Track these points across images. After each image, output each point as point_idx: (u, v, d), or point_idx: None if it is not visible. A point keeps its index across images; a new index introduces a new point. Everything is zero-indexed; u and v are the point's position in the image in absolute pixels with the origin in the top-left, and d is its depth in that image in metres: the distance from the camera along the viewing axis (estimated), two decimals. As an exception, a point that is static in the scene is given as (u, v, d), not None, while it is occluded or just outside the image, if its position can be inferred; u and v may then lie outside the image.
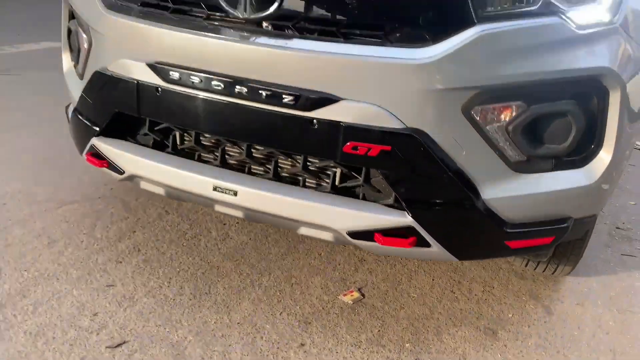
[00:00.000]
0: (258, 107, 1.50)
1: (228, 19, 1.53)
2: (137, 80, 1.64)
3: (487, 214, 1.50)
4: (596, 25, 1.45)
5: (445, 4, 1.38)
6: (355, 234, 1.53)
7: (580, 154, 1.55)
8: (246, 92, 1.49)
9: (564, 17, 1.41)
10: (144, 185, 1.81)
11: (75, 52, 2.00)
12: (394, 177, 1.47)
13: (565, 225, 1.61)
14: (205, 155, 1.78)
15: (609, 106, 1.50)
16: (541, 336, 1.91)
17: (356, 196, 1.61)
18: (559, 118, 1.48)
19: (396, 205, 1.54)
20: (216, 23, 1.54)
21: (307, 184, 1.67)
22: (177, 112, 1.62)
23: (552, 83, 1.43)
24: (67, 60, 2.14)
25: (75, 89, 1.98)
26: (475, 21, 1.36)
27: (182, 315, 1.84)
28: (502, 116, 1.45)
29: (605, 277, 2.30)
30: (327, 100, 1.43)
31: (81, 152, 1.97)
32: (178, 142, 1.80)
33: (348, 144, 1.45)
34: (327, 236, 1.60)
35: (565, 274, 2.18)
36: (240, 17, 1.48)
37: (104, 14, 1.68)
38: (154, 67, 1.59)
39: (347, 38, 1.42)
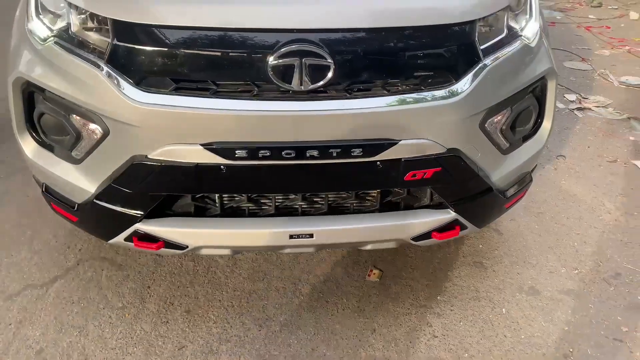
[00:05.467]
0: (329, 163, 1.73)
1: (279, 92, 1.68)
2: (197, 164, 1.70)
3: (498, 191, 2.02)
4: (536, 35, 1.98)
5: (459, 47, 1.75)
6: (418, 238, 1.93)
7: (534, 128, 2.13)
8: (317, 154, 1.70)
9: (523, 37, 1.90)
10: (206, 251, 1.91)
11: (56, 136, 1.87)
12: (442, 188, 1.88)
13: (530, 179, 2.23)
14: (257, 209, 1.93)
15: (548, 91, 2.08)
16: (509, 254, 2.59)
17: (398, 206, 1.98)
18: (526, 109, 2.02)
19: (435, 205, 1.96)
20: (270, 96, 1.67)
21: (355, 207, 1.97)
22: (246, 183, 1.76)
23: (523, 90, 1.94)
24: (30, 143, 1.96)
25: (64, 173, 1.89)
26: (482, 57, 1.77)
27: (272, 346, 2.07)
28: (499, 121, 1.93)
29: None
30: (388, 144, 1.73)
31: (109, 238, 1.93)
32: (225, 204, 1.91)
33: (408, 174, 1.79)
34: (390, 245, 1.97)
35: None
36: (296, 89, 1.65)
37: (134, 106, 1.65)
38: (214, 148, 1.67)
39: (393, 92, 1.71)
